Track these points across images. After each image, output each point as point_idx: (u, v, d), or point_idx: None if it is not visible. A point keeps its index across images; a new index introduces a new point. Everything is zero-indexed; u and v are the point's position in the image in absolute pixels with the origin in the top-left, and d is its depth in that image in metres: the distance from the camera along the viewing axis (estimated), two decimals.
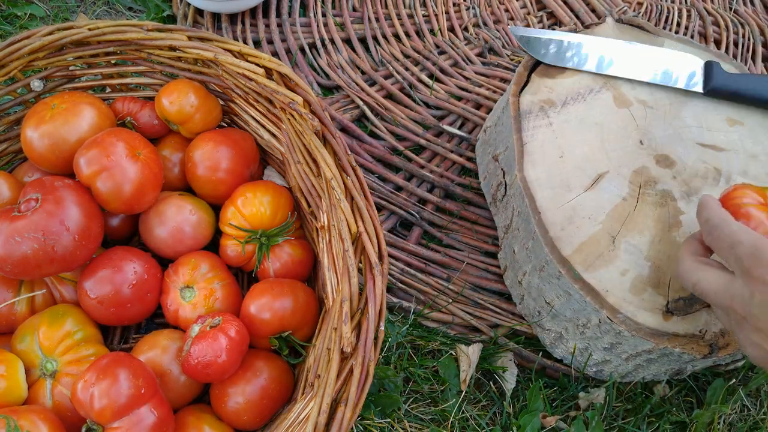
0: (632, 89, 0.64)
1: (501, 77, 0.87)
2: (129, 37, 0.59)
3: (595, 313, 0.54)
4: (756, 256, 0.43)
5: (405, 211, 0.74)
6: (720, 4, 1.05)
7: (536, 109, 0.62)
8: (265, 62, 0.56)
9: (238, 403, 0.51)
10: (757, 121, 0.63)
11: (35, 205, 0.49)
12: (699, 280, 0.47)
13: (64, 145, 0.56)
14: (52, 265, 0.50)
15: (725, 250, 0.45)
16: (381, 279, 0.46)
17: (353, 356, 0.43)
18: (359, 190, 0.50)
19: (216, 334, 0.50)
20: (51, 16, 0.88)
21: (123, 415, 0.44)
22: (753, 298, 0.42)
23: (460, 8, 0.97)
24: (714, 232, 0.46)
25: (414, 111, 0.83)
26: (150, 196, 0.57)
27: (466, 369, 0.63)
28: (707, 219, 0.48)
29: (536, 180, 0.58)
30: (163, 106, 0.60)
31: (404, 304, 0.67)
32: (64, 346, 0.51)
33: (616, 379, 0.62)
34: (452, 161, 0.79)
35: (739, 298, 0.43)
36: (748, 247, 0.43)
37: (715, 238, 0.46)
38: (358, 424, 0.59)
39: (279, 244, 0.60)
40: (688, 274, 0.48)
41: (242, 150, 0.62)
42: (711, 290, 0.46)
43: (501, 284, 0.70)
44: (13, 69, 0.58)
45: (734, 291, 0.44)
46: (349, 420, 0.41)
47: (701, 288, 0.47)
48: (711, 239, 0.47)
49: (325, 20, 0.91)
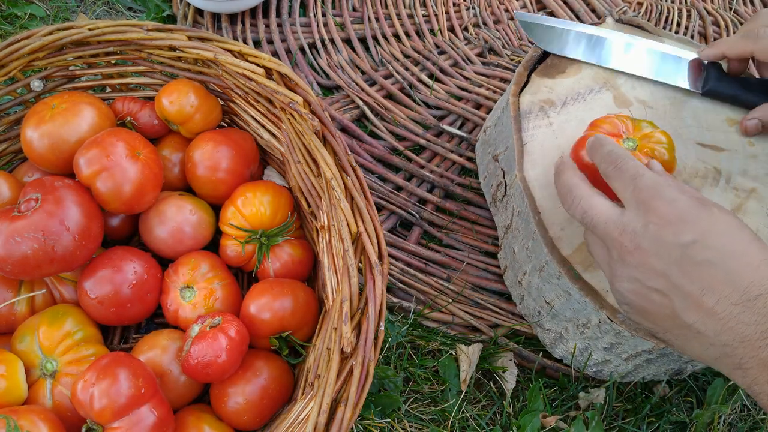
0: (632, 89, 0.64)
1: (501, 77, 0.87)
2: (129, 37, 0.59)
3: (595, 313, 0.54)
4: (656, 189, 0.43)
5: (405, 211, 0.74)
6: (720, 4, 1.05)
7: (536, 109, 0.62)
8: (265, 62, 0.56)
9: (238, 403, 0.51)
10: None
11: (35, 205, 0.49)
12: (591, 207, 0.45)
13: (64, 145, 0.56)
14: (52, 265, 0.50)
15: (625, 181, 0.45)
16: (381, 279, 0.46)
17: (353, 356, 0.43)
18: (359, 190, 0.50)
19: (216, 334, 0.50)
20: (51, 16, 0.88)
21: (123, 415, 0.44)
22: (646, 230, 0.42)
23: (460, 8, 0.97)
24: (618, 162, 0.46)
25: (414, 111, 0.83)
26: (150, 196, 0.57)
27: (466, 369, 0.63)
28: (610, 151, 0.47)
29: (536, 180, 0.58)
30: (163, 106, 0.60)
31: (404, 304, 0.67)
32: (64, 346, 0.51)
33: (616, 379, 0.62)
34: (452, 161, 0.79)
35: (630, 229, 0.43)
36: (649, 179, 0.44)
37: (617, 167, 0.46)
38: (358, 424, 0.59)
39: (279, 244, 0.60)
40: (580, 200, 0.46)
41: (242, 150, 0.62)
42: (601, 220, 0.45)
43: (501, 284, 0.70)
44: (13, 69, 0.58)
45: (625, 222, 0.43)
46: (349, 420, 0.41)
47: (591, 216, 0.45)
48: (612, 169, 0.46)
49: (325, 20, 0.91)
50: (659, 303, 0.42)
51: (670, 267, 0.41)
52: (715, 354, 0.41)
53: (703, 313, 0.40)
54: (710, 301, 0.40)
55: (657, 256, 0.41)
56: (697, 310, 0.40)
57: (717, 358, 0.41)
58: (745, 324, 0.38)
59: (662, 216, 0.42)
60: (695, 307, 0.40)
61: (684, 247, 0.41)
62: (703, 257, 0.40)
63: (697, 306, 0.40)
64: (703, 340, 0.41)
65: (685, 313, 0.41)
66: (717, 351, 0.41)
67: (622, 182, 0.45)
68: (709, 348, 0.41)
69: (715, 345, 0.40)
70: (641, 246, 0.42)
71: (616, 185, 0.46)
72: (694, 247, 0.40)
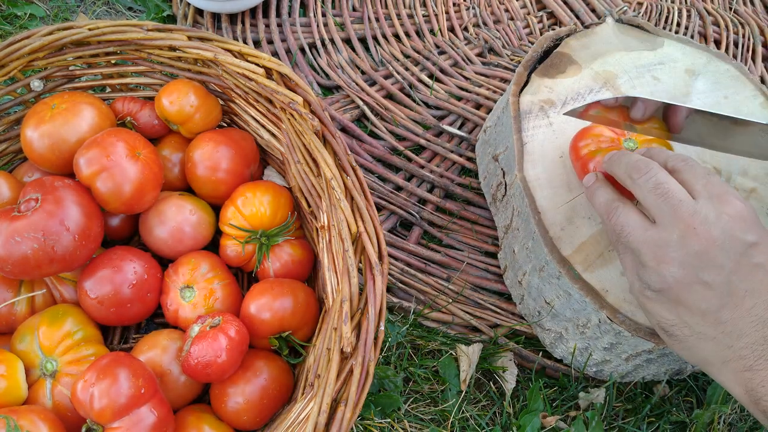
0: (632, 89, 0.64)
1: (501, 77, 0.87)
2: (129, 37, 0.59)
3: (595, 313, 0.54)
4: (729, 188, 0.45)
5: (405, 211, 0.74)
6: (720, 4, 1.05)
7: (536, 109, 0.62)
8: (265, 62, 0.56)
9: (238, 403, 0.51)
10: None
11: (35, 205, 0.49)
12: (668, 182, 0.45)
13: (64, 145, 0.56)
14: (52, 265, 0.50)
15: (698, 175, 0.46)
16: (381, 279, 0.46)
17: (353, 356, 0.43)
18: (359, 190, 0.50)
19: (216, 334, 0.50)
20: (51, 16, 0.88)
21: (123, 415, 0.44)
22: (719, 220, 0.43)
23: (460, 8, 0.97)
24: (688, 160, 0.47)
25: (414, 111, 0.83)
26: (150, 196, 0.57)
27: (466, 369, 0.63)
28: (677, 153, 0.48)
29: (536, 180, 0.58)
30: (163, 106, 0.60)
31: (404, 304, 0.67)
32: (64, 346, 0.51)
33: (616, 379, 0.62)
34: (452, 161, 0.79)
35: (702, 214, 0.43)
36: (719, 179, 0.45)
37: (688, 165, 0.47)
38: (358, 424, 0.59)
39: (279, 244, 0.60)
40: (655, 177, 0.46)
41: (242, 150, 0.62)
42: (676, 197, 0.44)
43: (501, 284, 0.70)
44: (13, 69, 0.58)
45: (699, 207, 0.43)
46: (349, 420, 0.41)
47: (665, 189, 0.45)
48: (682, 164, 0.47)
49: (325, 20, 0.91)
50: (700, 296, 0.43)
51: (729, 261, 0.42)
52: (727, 356, 0.42)
53: (739, 313, 0.42)
54: (749, 302, 0.42)
55: (722, 248, 0.42)
56: (735, 309, 0.42)
57: (727, 360, 0.42)
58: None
59: (736, 211, 0.43)
60: (734, 306, 0.42)
61: (748, 245, 0.42)
62: (759, 260, 0.42)
63: (736, 305, 0.42)
64: (722, 341, 0.42)
65: (721, 310, 0.42)
66: (732, 353, 0.42)
67: (695, 175, 0.46)
68: (724, 350, 0.42)
69: (732, 347, 0.42)
70: (711, 233, 0.42)
71: (688, 176, 0.46)
72: (756, 248, 0.42)
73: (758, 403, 0.41)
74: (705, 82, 0.66)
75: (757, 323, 0.41)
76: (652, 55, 0.67)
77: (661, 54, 0.68)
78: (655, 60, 0.67)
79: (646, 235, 0.45)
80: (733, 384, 0.42)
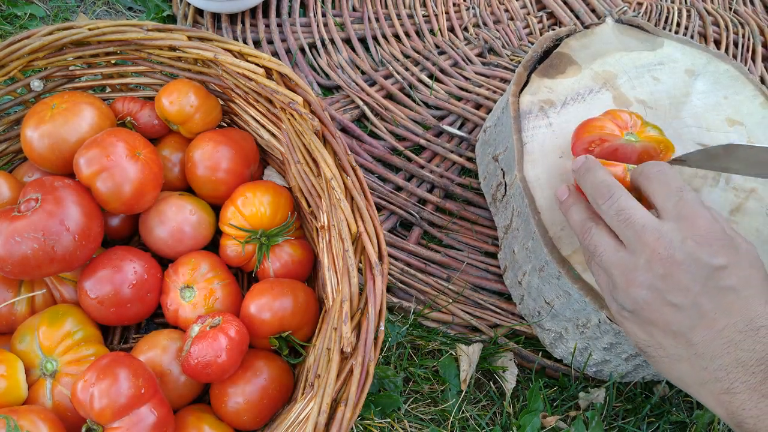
0: (632, 89, 0.64)
1: (501, 77, 0.87)
2: (129, 37, 0.59)
3: (595, 313, 0.54)
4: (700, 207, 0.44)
5: (405, 211, 0.74)
6: (720, 4, 1.05)
7: (536, 110, 0.62)
8: (265, 62, 0.56)
9: (238, 403, 0.51)
10: (757, 120, 0.63)
11: (35, 205, 0.49)
12: (629, 207, 0.45)
13: (64, 145, 0.56)
14: (52, 265, 0.50)
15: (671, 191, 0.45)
16: (381, 279, 0.46)
17: (353, 356, 0.43)
18: (359, 190, 0.50)
19: (216, 334, 0.50)
20: (51, 16, 0.88)
21: (123, 415, 0.44)
22: (684, 244, 0.42)
23: (460, 8, 0.97)
24: (661, 177, 0.46)
25: (414, 111, 0.83)
26: (150, 196, 0.57)
27: (466, 369, 0.63)
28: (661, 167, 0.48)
29: (536, 180, 0.58)
30: (163, 106, 0.60)
31: (404, 304, 0.67)
32: (64, 346, 0.51)
33: (616, 379, 0.62)
34: (452, 161, 0.79)
35: (667, 238, 0.43)
36: (693, 196, 0.45)
37: (666, 176, 0.46)
38: (358, 424, 0.59)
39: (279, 244, 0.60)
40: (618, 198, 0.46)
41: (242, 150, 0.62)
42: (638, 222, 0.44)
43: (501, 284, 0.70)
44: (13, 69, 0.58)
45: (664, 231, 0.43)
46: (349, 420, 0.41)
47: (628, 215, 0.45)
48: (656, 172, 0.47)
49: (325, 20, 0.91)
50: (670, 318, 0.43)
51: (695, 284, 0.42)
52: (704, 377, 0.42)
53: (711, 335, 0.42)
54: (721, 324, 0.41)
55: (687, 271, 0.42)
56: (706, 330, 0.42)
57: (704, 382, 0.42)
58: (743, 350, 0.40)
59: (703, 234, 0.42)
60: (705, 327, 0.42)
61: (714, 269, 0.42)
62: (728, 283, 0.42)
63: (707, 327, 0.42)
64: (696, 363, 0.42)
65: (692, 332, 0.42)
66: (708, 375, 0.42)
67: (667, 191, 0.45)
68: (700, 371, 0.42)
69: (707, 369, 0.42)
70: (675, 257, 0.42)
71: (661, 192, 0.46)
72: (723, 272, 0.42)
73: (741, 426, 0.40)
74: (705, 82, 0.66)
75: (728, 345, 0.41)
76: (651, 56, 0.67)
77: (661, 54, 0.68)
78: (654, 60, 0.67)
79: (617, 256, 0.45)
80: (714, 405, 0.42)
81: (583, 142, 0.56)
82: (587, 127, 0.56)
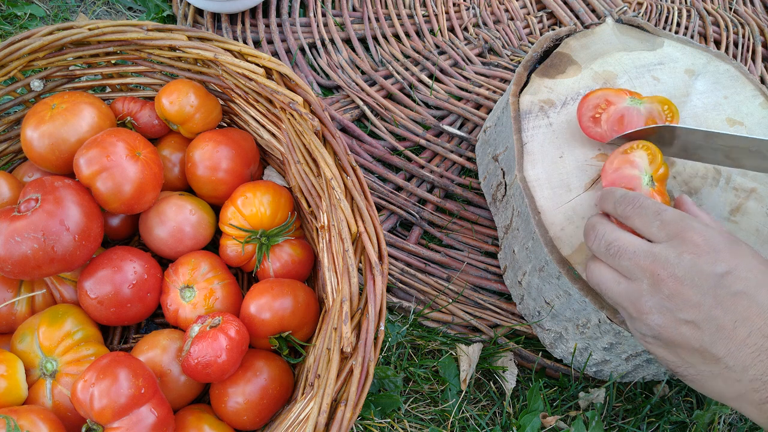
0: (632, 89, 0.64)
1: (501, 77, 0.87)
2: (129, 37, 0.59)
3: (595, 313, 0.54)
4: (684, 221, 0.43)
5: (405, 211, 0.74)
6: (720, 4, 1.05)
7: (536, 109, 0.62)
8: (265, 62, 0.56)
9: (238, 403, 0.51)
10: (757, 120, 0.63)
11: (35, 205, 0.49)
12: (617, 239, 0.46)
13: (64, 145, 0.56)
14: (52, 265, 0.50)
15: (648, 217, 0.45)
16: (381, 279, 0.46)
17: (353, 356, 0.43)
18: (359, 190, 0.50)
19: (216, 334, 0.50)
20: (51, 16, 0.88)
21: (123, 415, 0.44)
22: (680, 259, 0.42)
23: (460, 8, 0.97)
24: (636, 201, 0.46)
25: (414, 111, 0.83)
26: (150, 196, 0.57)
27: (466, 369, 0.63)
28: (624, 194, 0.48)
29: (536, 180, 0.58)
30: (163, 106, 0.60)
31: (404, 304, 0.67)
32: (64, 346, 0.51)
33: (616, 379, 0.62)
34: (452, 161, 0.79)
35: (662, 258, 0.43)
36: (673, 213, 0.44)
37: (637, 206, 0.46)
38: (358, 424, 0.59)
39: (279, 244, 0.60)
40: (603, 234, 0.47)
41: (242, 150, 0.62)
42: (629, 249, 0.44)
43: (501, 284, 0.70)
44: (13, 69, 0.58)
45: (657, 252, 0.43)
46: (349, 420, 0.41)
47: (618, 246, 0.45)
48: (630, 209, 0.47)
49: (325, 20, 0.91)
50: (689, 336, 0.42)
51: (705, 297, 0.41)
52: (740, 390, 0.41)
53: (735, 345, 0.40)
54: (743, 333, 0.40)
55: (692, 285, 0.41)
56: (729, 342, 0.40)
57: (742, 394, 0.41)
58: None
59: (697, 245, 0.42)
60: (727, 339, 0.40)
61: (719, 276, 0.41)
62: (737, 288, 0.40)
63: (728, 338, 0.40)
64: (729, 376, 0.41)
65: (715, 346, 0.41)
66: (743, 387, 0.40)
67: (646, 219, 0.45)
68: (734, 384, 0.41)
69: (741, 381, 0.40)
70: (676, 275, 0.42)
71: (639, 222, 0.46)
72: (729, 277, 0.41)
73: None
74: (705, 82, 0.66)
75: (758, 353, 0.39)
76: (651, 56, 0.67)
77: (661, 54, 0.68)
78: (655, 60, 0.67)
79: (620, 288, 0.45)
80: (758, 417, 0.41)
81: (588, 107, 0.57)
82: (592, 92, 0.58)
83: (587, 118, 0.58)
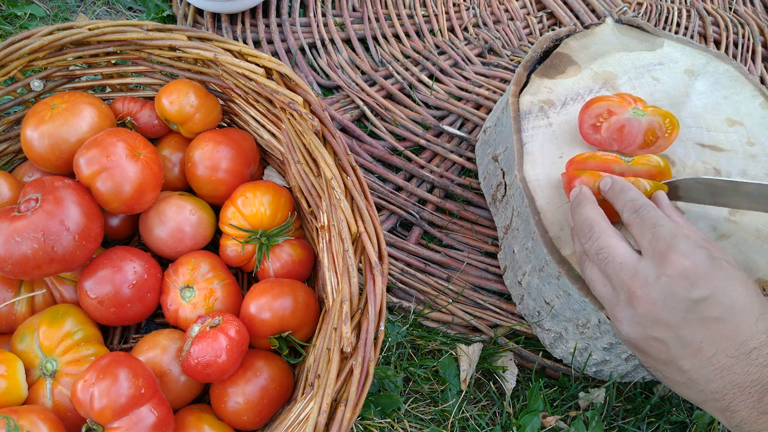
0: (632, 89, 0.64)
1: (501, 77, 0.87)
2: (129, 37, 0.59)
3: (595, 313, 0.54)
4: (673, 241, 0.44)
5: (405, 211, 0.74)
6: (720, 4, 1.05)
7: (536, 110, 0.62)
8: (265, 62, 0.56)
9: (238, 403, 0.51)
10: (757, 121, 0.63)
11: (35, 205, 0.49)
12: (609, 246, 0.47)
13: (64, 145, 0.56)
14: (52, 265, 0.50)
15: (645, 228, 0.46)
16: (381, 279, 0.46)
17: (353, 356, 0.43)
18: (359, 190, 0.50)
19: (216, 334, 0.50)
20: (51, 16, 0.88)
21: (123, 415, 0.44)
22: (658, 281, 0.43)
23: (460, 8, 0.97)
24: (640, 211, 0.47)
25: (414, 111, 0.83)
26: (150, 196, 0.57)
27: (466, 369, 0.63)
28: (634, 198, 0.48)
29: (536, 180, 0.58)
30: (163, 106, 0.60)
31: (404, 304, 0.67)
32: (64, 346, 0.51)
33: (616, 379, 0.62)
34: (452, 161, 0.79)
35: (641, 277, 0.44)
36: (667, 230, 0.45)
37: (639, 216, 0.47)
38: (358, 424, 0.59)
39: (279, 244, 0.60)
40: (599, 236, 0.47)
41: (242, 150, 0.62)
42: (617, 260, 0.46)
43: (501, 284, 0.70)
44: (13, 69, 0.58)
45: (639, 269, 0.44)
46: (349, 420, 0.41)
47: (607, 253, 0.46)
48: (634, 216, 0.47)
49: (325, 20, 0.91)
50: (657, 349, 0.44)
51: (675, 319, 0.42)
52: (703, 397, 0.43)
53: (700, 362, 0.42)
54: (709, 352, 0.41)
55: (665, 308, 0.43)
56: (694, 359, 0.42)
57: (705, 401, 0.43)
58: (736, 374, 0.40)
59: (676, 269, 0.43)
60: (692, 356, 0.42)
61: (694, 302, 0.42)
62: (711, 314, 0.42)
63: (694, 355, 0.42)
64: (693, 386, 0.43)
65: (681, 360, 0.43)
66: (706, 396, 0.43)
67: (642, 229, 0.46)
68: (698, 393, 0.43)
69: (704, 391, 0.42)
70: (650, 296, 0.43)
71: (636, 231, 0.47)
72: (705, 303, 0.42)
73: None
74: (704, 82, 0.66)
75: (720, 371, 0.41)
76: (651, 56, 0.67)
77: (661, 54, 0.68)
78: (654, 60, 0.67)
79: (603, 291, 0.47)
80: (721, 418, 0.43)
81: (590, 116, 0.58)
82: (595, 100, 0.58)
83: (588, 126, 0.58)
